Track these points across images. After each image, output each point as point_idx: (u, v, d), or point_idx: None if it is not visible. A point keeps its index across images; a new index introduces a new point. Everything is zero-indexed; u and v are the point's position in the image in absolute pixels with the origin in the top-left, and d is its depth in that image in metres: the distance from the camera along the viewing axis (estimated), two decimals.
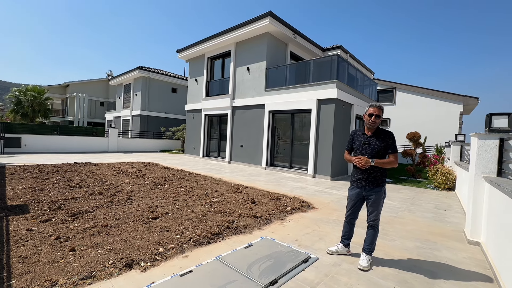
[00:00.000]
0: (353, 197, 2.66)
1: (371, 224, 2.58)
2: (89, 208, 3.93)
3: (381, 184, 2.53)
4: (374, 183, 2.52)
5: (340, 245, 2.80)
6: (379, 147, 2.48)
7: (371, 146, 2.51)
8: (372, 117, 2.50)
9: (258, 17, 9.89)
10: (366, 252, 2.59)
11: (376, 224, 2.57)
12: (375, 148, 2.49)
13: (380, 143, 2.48)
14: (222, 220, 3.65)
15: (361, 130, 2.66)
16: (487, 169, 3.23)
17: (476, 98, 16.06)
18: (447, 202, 5.83)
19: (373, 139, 2.51)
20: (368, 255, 2.57)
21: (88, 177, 6.41)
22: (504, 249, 2.33)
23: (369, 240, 2.59)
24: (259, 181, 7.36)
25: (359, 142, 2.60)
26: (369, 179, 2.52)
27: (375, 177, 2.51)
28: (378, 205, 2.54)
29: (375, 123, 2.52)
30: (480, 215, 3.28)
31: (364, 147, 2.55)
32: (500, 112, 3.35)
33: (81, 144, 14.19)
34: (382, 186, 2.54)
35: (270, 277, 2.26)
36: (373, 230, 2.59)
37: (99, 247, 2.68)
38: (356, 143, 2.63)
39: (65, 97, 29.06)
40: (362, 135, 2.61)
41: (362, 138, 2.60)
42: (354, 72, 10.24)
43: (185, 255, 2.65)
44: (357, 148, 2.61)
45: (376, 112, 2.50)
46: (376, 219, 2.56)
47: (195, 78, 14.01)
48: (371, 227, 2.59)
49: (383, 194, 2.55)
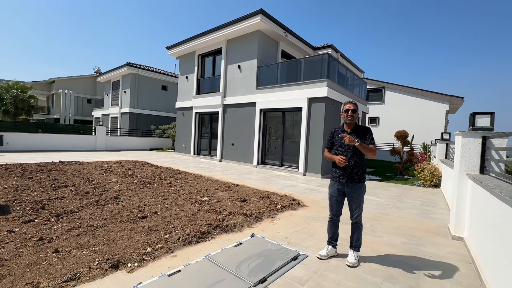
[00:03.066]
0: (334, 194, 2.68)
1: (355, 221, 2.64)
2: (74, 208, 3.82)
3: (362, 180, 2.60)
4: (356, 178, 2.57)
5: (329, 247, 2.78)
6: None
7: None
8: (349, 112, 2.61)
9: (249, 14, 9.83)
10: (354, 249, 2.64)
11: (359, 220, 2.64)
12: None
13: (360, 138, 2.55)
14: (212, 219, 3.63)
15: (340, 128, 2.75)
16: (470, 166, 3.33)
17: (461, 98, 16.54)
18: (432, 198, 5.99)
19: (353, 135, 2.57)
20: (356, 252, 2.63)
21: (74, 176, 6.23)
22: (485, 243, 2.41)
23: (356, 237, 2.65)
24: (250, 179, 7.35)
25: (340, 138, 2.66)
26: (351, 175, 2.57)
27: (357, 173, 2.57)
28: (360, 201, 2.60)
29: (353, 118, 2.61)
30: (463, 211, 3.38)
31: (345, 143, 2.60)
32: (483, 112, 3.45)
33: (68, 142, 13.80)
34: (363, 182, 2.61)
35: (260, 275, 2.26)
36: (357, 226, 2.65)
37: (84, 248, 2.61)
38: (337, 140, 2.70)
39: (50, 93, 28.11)
40: (342, 132, 2.68)
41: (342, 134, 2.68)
42: (344, 71, 10.35)
43: (174, 254, 2.61)
44: (338, 145, 2.67)
45: (352, 107, 2.62)
46: (360, 216, 2.63)
47: (185, 75, 13.83)
48: (355, 224, 2.65)
49: (364, 190, 2.62)
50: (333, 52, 12.49)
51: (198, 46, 12.61)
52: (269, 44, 10.85)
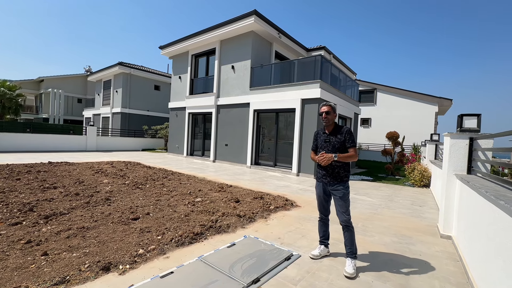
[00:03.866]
0: (320, 194, 2.72)
1: (344, 224, 2.56)
2: (64, 209, 3.75)
3: (344, 179, 2.59)
4: (338, 178, 2.57)
5: (321, 247, 2.79)
6: (338, 143, 2.58)
7: (331, 143, 2.62)
8: (323, 115, 2.66)
9: (243, 15, 9.85)
10: (350, 256, 2.50)
11: (349, 223, 2.55)
12: (335, 144, 2.59)
13: (339, 139, 2.59)
14: (205, 220, 3.61)
15: (322, 130, 2.79)
16: (458, 167, 3.42)
17: (450, 100, 16.95)
18: (422, 198, 6.11)
19: (332, 137, 2.63)
20: (353, 260, 2.48)
21: (64, 177, 6.10)
22: (473, 242, 2.48)
23: (349, 242, 2.54)
24: (244, 180, 7.35)
25: (321, 141, 2.72)
26: (333, 174, 2.58)
27: (338, 173, 2.57)
28: (345, 200, 2.56)
29: (328, 119, 2.66)
30: (451, 210, 3.47)
31: (325, 145, 2.66)
32: (470, 113, 3.55)
33: (57, 143, 13.50)
34: (345, 181, 2.60)
35: (253, 275, 2.27)
36: (348, 231, 2.56)
37: (74, 250, 2.56)
38: (319, 142, 2.75)
39: (39, 93, 27.46)
40: (323, 134, 2.74)
41: (323, 137, 2.72)
42: (337, 73, 10.47)
43: (166, 256, 2.59)
44: (320, 146, 2.72)
45: (326, 109, 2.66)
46: (347, 218, 2.54)
47: (178, 75, 13.73)
48: (345, 227, 2.56)
49: (347, 190, 2.60)
50: (326, 53, 12.62)
51: (191, 46, 12.54)
52: (262, 45, 10.88)
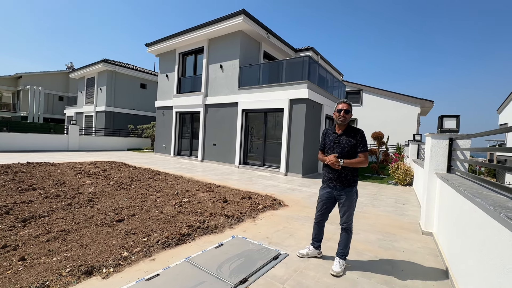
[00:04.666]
0: (323, 197, 2.58)
1: (344, 227, 2.50)
2: (43, 212, 3.59)
3: (352, 184, 2.45)
4: (345, 182, 2.43)
5: (310, 247, 2.73)
6: (349, 145, 2.41)
7: (340, 145, 2.44)
8: (342, 112, 2.44)
9: (231, 14, 9.80)
10: (340, 256, 2.48)
11: (349, 227, 2.49)
12: (345, 147, 2.42)
13: (350, 141, 2.42)
14: (192, 221, 3.57)
15: (332, 129, 2.59)
16: (439, 166, 3.56)
17: (431, 101, 17.60)
18: (405, 196, 6.32)
19: (343, 138, 2.45)
20: (342, 260, 2.47)
21: (44, 178, 5.85)
22: (452, 238, 2.59)
23: (343, 243, 2.50)
24: (232, 179, 7.32)
25: (330, 141, 2.53)
26: (340, 178, 2.43)
27: (346, 177, 2.43)
28: (350, 206, 2.45)
29: (345, 119, 2.44)
30: (432, 208, 3.60)
31: (334, 146, 2.47)
32: (450, 114, 3.70)
33: (36, 142, 12.92)
34: (353, 186, 2.47)
35: (240, 276, 2.26)
36: (346, 233, 2.50)
37: (54, 254, 2.46)
38: (328, 142, 2.56)
39: (16, 89, 26.20)
40: (332, 134, 2.54)
41: (332, 137, 2.53)
42: (324, 73, 10.63)
43: (152, 258, 2.54)
44: (328, 147, 2.54)
45: (345, 107, 2.45)
46: (349, 221, 2.48)
47: (165, 74, 13.49)
48: (344, 230, 2.51)
49: (355, 195, 2.48)
50: (314, 54, 12.78)
51: (179, 44, 12.35)
52: (251, 45, 10.87)
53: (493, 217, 1.54)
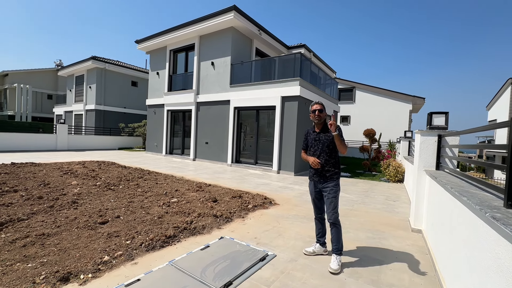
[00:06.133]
0: (312, 191, 2.76)
1: (331, 221, 2.59)
2: (23, 215, 3.44)
3: (334, 177, 2.62)
4: (327, 176, 2.61)
5: (316, 245, 2.79)
6: (328, 140, 2.61)
7: (321, 141, 2.64)
8: (316, 112, 2.66)
9: (222, 10, 9.64)
10: (336, 253, 2.55)
11: (336, 221, 2.59)
12: (325, 142, 2.62)
13: (328, 136, 2.62)
14: (179, 221, 3.48)
15: (312, 129, 2.80)
16: (428, 163, 3.54)
17: (423, 98, 17.78)
18: (396, 193, 6.34)
19: (322, 135, 2.65)
20: (338, 256, 2.53)
21: (27, 180, 5.65)
22: (439, 235, 2.57)
23: (335, 239, 2.58)
24: (224, 178, 7.24)
25: (311, 139, 2.73)
26: (323, 173, 2.62)
27: (328, 171, 2.61)
28: (332, 198, 2.58)
29: (320, 117, 2.66)
30: (422, 205, 3.59)
31: (315, 143, 2.68)
32: (439, 111, 3.69)
33: (24, 142, 12.57)
34: (335, 179, 2.62)
35: (225, 279, 2.19)
36: (335, 227, 2.59)
37: (30, 260, 2.34)
38: (309, 141, 2.76)
39: (3, 88, 25.45)
40: (313, 133, 2.75)
41: (313, 135, 2.73)
42: (316, 71, 10.59)
43: (134, 262, 2.45)
44: (310, 145, 2.73)
45: (319, 107, 2.67)
46: (334, 215, 2.57)
47: (156, 71, 13.25)
48: (333, 224, 2.60)
49: (337, 187, 2.62)
50: (306, 51, 12.72)
51: (169, 41, 12.12)
52: (243, 42, 10.74)
53: (479, 216, 1.50)
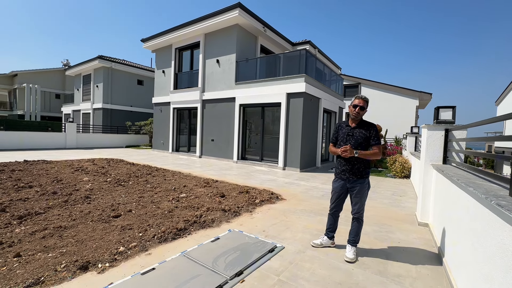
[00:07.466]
0: (337, 190, 2.67)
1: (356, 216, 2.59)
2: (40, 209, 3.58)
3: (364, 175, 2.54)
4: (357, 174, 2.53)
5: (324, 237, 2.83)
6: (362, 138, 2.50)
7: (354, 137, 2.53)
8: (357, 108, 2.52)
9: (227, 8, 9.67)
10: (351, 244, 2.59)
11: (360, 216, 2.59)
12: (358, 139, 2.51)
13: (364, 134, 2.50)
14: (189, 215, 3.57)
15: (345, 122, 2.67)
16: (434, 157, 3.56)
17: (430, 94, 17.55)
18: (403, 189, 6.34)
19: (357, 131, 2.53)
20: (353, 247, 2.58)
21: (41, 176, 5.83)
22: (446, 228, 2.60)
23: (354, 232, 2.60)
24: (230, 175, 7.33)
25: (343, 133, 2.61)
26: (353, 170, 2.53)
27: (358, 169, 2.52)
28: (361, 196, 2.54)
29: (358, 114, 2.53)
30: (428, 199, 3.62)
31: (348, 138, 2.56)
32: (446, 106, 3.69)
33: (34, 141, 12.86)
34: (365, 177, 2.56)
35: (236, 268, 2.27)
36: (357, 222, 2.60)
37: (50, 250, 2.46)
38: (341, 135, 2.64)
39: (12, 88, 26.00)
40: (346, 126, 2.62)
41: (346, 129, 2.60)
42: (322, 67, 10.55)
43: (148, 252, 2.55)
44: (341, 139, 2.62)
45: (361, 103, 2.52)
46: (360, 211, 2.57)
47: (162, 69, 13.37)
48: (356, 219, 2.60)
49: (366, 186, 2.57)
50: (311, 48, 12.68)
51: (175, 39, 12.21)
52: (248, 39, 10.76)
53: (485, 205, 1.54)
